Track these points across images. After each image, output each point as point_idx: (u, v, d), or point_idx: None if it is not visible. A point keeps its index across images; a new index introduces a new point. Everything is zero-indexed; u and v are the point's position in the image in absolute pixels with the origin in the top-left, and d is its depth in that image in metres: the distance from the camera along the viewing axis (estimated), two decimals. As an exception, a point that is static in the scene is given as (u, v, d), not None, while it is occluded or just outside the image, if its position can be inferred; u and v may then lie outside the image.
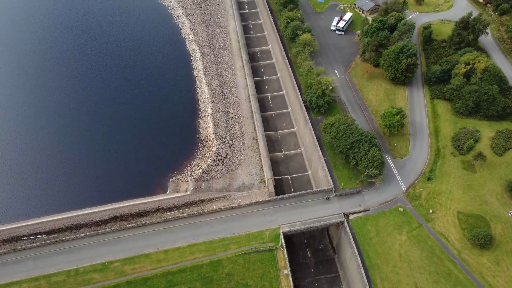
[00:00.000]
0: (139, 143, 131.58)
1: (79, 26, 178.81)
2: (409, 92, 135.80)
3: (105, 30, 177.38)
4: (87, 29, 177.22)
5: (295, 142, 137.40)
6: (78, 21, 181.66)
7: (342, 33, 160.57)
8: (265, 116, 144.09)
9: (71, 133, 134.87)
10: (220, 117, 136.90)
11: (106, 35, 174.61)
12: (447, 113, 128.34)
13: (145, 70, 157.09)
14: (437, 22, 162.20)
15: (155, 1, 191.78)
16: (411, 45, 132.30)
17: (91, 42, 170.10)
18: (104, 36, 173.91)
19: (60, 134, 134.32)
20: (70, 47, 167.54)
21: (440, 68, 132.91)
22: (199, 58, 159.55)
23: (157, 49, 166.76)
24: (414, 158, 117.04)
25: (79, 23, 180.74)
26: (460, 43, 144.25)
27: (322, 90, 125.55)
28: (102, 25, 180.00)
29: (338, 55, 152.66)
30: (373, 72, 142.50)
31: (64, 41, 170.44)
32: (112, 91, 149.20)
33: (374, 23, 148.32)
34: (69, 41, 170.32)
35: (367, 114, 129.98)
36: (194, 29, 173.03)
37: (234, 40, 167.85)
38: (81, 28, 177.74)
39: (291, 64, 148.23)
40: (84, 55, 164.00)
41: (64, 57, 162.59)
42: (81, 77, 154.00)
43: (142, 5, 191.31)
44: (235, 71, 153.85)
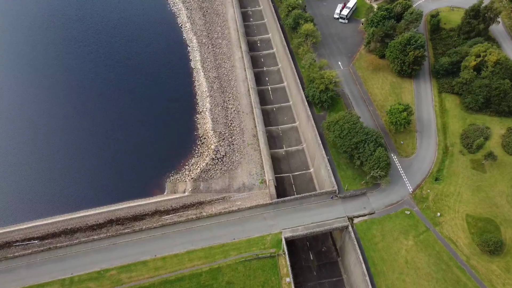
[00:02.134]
0: (135, 140, 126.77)
1: (65, 18, 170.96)
2: (416, 85, 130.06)
3: (94, 17, 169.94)
4: (72, 19, 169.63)
5: (296, 137, 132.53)
6: (64, 13, 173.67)
7: (345, 21, 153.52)
8: (266, 110, 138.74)
9: (63, 131, 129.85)
10: (219, 112, 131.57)
11: (95, 23, 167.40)
12: (455, 108, 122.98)
13: (139, 63, 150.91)
14: (445, 9, 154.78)
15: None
16: (418, 36, 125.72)
17: (78, 32, 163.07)
18: (92, 24, 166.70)
19: (52, 133, 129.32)
20: (60, 42, 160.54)
21: (449, 60, 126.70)
22: (197, 48, 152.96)
23: (152, 39, 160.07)
24: (421, 157, 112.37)
25: (65, 15, 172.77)
26: (469, 32, 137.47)
27: (325, 85, 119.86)
28: (92, 13, 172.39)
29: (341, 45, 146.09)
30: (378, 64, 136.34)
31: (52, 36, 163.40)
32: (103, 84, 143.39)
33: (379, 11, 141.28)
34: (58, 36, 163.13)
35: (372, 109, 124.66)
36: (191, 17, 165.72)
37: (233, 29, 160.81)
38: (66, 18, 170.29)
39: (292, 56, 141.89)
40: (73, 48, 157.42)
41: (54, 52, 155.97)
42: (71, 72, 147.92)
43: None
44: (234, 63, 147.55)
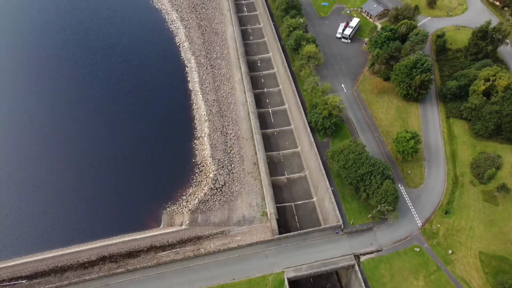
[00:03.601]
0: (130, 168, 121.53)
1: (59, 34, 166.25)
2: (423, 109, 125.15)
3: (92, 35, 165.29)
4: (72, 36, 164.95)
5: (298, 163, 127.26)
6: (59, 28, 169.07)
7: (348, 41, 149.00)
8: (266, 134, 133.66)
9: (51, 157, 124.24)
10: (217, 138, 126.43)
11: (93, 40, 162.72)
12: (464, 134, 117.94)
13: (136, 84, 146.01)
14: (451, 28, 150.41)
15: (148, 5, 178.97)
16: (425, 59, 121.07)
17: (73, 53, 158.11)
18: (90, 42, 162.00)
19: (41, 160, 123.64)
20: (53, 57, 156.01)
21: (457, 84, 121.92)
22: (195, 69, 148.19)
23: (149, 59, 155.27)
24: (430, 188, 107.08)
25: (60, 30, 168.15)
26: (477, 53, 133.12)
27: (328, 111, 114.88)
28: (88, 30, 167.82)
29: (344, 66, 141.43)
30: (383, 86, 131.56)
31: (47, 49, 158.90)
32: (96, 107, 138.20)
33: (383, 32, 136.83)
34: (52, 49, 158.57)
35: (377, 135, 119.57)
36: (189, 36, 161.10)
37: (232, 49, 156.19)
38: (63, 35, 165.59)
39: (294, 77, 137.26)
40: (66, 69, 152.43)
41: (46, 68, 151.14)
42: (63, 95, 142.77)
43: (134, 8, 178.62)
44: (233, 84, 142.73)
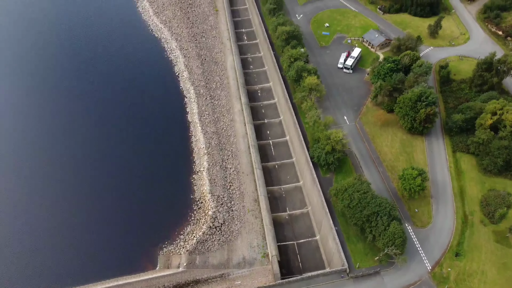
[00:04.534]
0: (124, 204, 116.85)
1: (56, 65, 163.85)
2: (428, 143, 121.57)
3: (89, 65, 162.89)
4: (69, 66, 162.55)
5: (301, 199, 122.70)
6: (56, 59, 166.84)
7: (350, 71, 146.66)
8: (267, 167, 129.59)
9: (44, 189, 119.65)
10: (217, 172, 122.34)
11: (90, 70, 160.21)
12: (472, 170, 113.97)
13: (134, 115, 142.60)
14: (454, 58, 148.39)
15: (148, 33, 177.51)
16: (429, 92, 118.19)
17: (72, 81, 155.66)
18: (87, 71, 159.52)
19: (33, 194, 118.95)
20: (48, 88, 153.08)
21: (463, 117, 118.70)
22: (194, 99, 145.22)
23: (148, 89, 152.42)
24: (439, 227, 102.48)
25: (57, 60, 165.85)
26: (482, 85, 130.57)
27: (331, 146, 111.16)
28: (86, 59, 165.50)
29: (347, 97, 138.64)
30: (387, 119, 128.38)
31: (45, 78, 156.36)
32: (92, 139, 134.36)
33: (386, 63, 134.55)
34: (48, 81, 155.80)
35: (382, 170, 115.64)
36: (188, 66, 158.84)
37: (232, 79, 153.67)
38: (61, 65, 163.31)
39: (295, 109, 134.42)
40: (64, 98, 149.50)
41: (41, 102, 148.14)
42: (59, 122, 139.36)
43: (133, 37, 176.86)
44: (233, 116, 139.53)
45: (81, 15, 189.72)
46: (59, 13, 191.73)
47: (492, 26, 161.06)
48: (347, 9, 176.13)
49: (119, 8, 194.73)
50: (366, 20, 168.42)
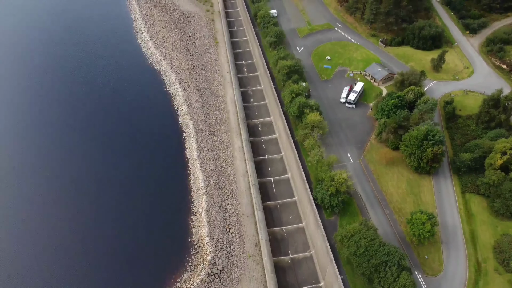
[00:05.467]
0: (116, 247, 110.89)
1: (48, 106, 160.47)
2: (436, 183, 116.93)
3: (85, 98, 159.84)
4: (61, 101, 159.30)
5: (303, 241, 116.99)
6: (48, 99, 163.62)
7: (353, 106, 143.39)
8: (268, 206, 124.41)
9: (31, 230, 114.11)
10: (216, 214, 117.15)
11: (86, 103, 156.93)
12: (483, 212, 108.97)
13: (131, 151, 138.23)
14: (458, 93, 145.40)
15: (146, 65, 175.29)
16: (436, 130, 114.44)
17: (67, 117, 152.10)
18: (84, 105, 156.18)
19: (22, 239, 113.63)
20: (44, 124, 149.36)
21: (471, 156, 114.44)
22: (193, 135, 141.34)
23: (146, 124, 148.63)
24: (450, 276, 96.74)
25: (49, 99, 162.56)
26: (489, 122, 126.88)
27: (335, 187, 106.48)
28: (81, 93, 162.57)
29: (350, 133, 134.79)
30: (392, 157, 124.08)
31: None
32: (84, 177, 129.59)
33: (390, 99, 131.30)
34: (43, 120, 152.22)
35: (389, 212, 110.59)
36: (187, 99, 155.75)
37: (232, 113, 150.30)
38: (53, 105, 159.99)
39: (297, 146, 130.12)
40: (58, 136, 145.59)
41: (36, 137, 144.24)
42: (51, 165, 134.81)
43: (132, 69, 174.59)
44: (233, 153, 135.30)
45: (79, 47, 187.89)
46: (55, 45, 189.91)
47: (495, 59, 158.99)
48: (348, 42, 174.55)
49: (118, 39, 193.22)
50: (368, 53, 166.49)
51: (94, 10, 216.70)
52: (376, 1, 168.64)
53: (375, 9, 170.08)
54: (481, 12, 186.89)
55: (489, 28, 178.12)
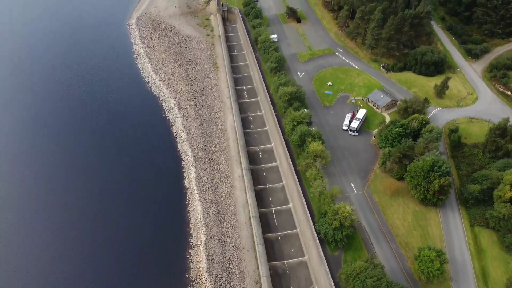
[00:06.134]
0: (111, 282, 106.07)
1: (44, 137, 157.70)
2: (443, 215, 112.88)
3: (82, 124, 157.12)
4: (57, 132, 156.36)
5: (306, 276, 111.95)
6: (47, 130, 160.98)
7: (355, 133, 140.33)
8: (269, 239, 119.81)
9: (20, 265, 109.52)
10: (215, 247, 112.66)
11: (83, 130, 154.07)
12: (493, 247, 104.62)
13: (128, 179, 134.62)
14: (463, 120, 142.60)
15: (146, 91, 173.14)
16: (442, 161, 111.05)
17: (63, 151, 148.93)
18: (79, 132, 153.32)
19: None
20: (41, 156, 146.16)
21: (479, 188, 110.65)
22: (192, 163, 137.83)
23: (144, 151, 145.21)
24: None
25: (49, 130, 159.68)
26: (496, 151, 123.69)
27: (339, 221, 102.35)
28: (77, 118, 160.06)
29: (353, 162, 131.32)
30: (397, 187, 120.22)
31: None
32: (78, 210, 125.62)
33: (394, 127, 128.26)
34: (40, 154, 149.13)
35: (395, 247, 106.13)
36: (187, 126, 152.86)
37: (232, 140, 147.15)
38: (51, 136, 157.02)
39: (298, 176, 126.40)
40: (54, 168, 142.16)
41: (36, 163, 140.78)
42: (47, 195, 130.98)
43: (131, 95, 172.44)
44: (233, 183, 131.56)
45: (77, 71, 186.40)
46: (54, 67, 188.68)
47: (499, 85, 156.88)
48: (349, 67, 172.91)
49: (118, 64, 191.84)
50: (370, 78, 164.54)
51: (93, 33, 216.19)
52: (378, 27, 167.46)
53: (376, 35, 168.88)
54: (483, 37, 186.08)
55: (491, 53, 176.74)
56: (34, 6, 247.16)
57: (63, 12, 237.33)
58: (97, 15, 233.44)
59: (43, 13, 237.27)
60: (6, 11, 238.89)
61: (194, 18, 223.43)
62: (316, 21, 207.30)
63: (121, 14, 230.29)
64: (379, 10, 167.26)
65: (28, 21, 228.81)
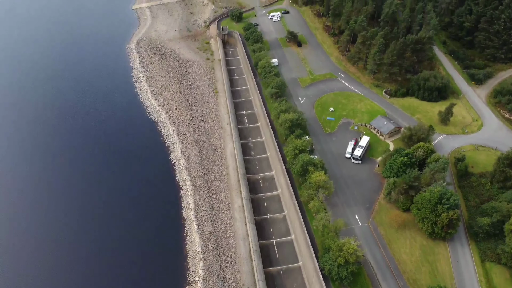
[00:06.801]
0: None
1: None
2: (452, 250, 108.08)
3: (77, 151, 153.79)
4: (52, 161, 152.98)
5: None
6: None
7: (359, 162, 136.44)
8: (271, 273, 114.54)
9: None
10: (214, 284, 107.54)
11: (78, 158, 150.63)
12: (506, 285, 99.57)
13: (125, 210, 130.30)
14: (469, 148, 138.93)
15: (144, 116, 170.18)
16: (450, 193, 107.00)
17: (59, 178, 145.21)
18: (74, 160, 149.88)
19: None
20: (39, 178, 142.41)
21: (489, 221, 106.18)
22: (191, 193, 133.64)
23: (142, 179, 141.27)
24: None
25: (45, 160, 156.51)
26: (505, 181, 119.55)
27: (344, 258, 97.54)
28: (73, 145, 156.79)
29: (357, 191, 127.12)
30: (403, 219, 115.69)
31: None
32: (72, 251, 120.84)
33: (398, 156, 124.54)
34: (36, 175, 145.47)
35: (403, 285, 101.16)
36: (185, 153, 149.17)
37: (232, 168, 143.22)
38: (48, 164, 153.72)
39: (300, 207, 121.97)
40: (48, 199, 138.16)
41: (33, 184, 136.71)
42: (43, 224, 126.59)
43: (129, 120, 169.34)
44: (233, 213, 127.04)
45: (75, 95, 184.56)
46: (51, 91, 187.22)
47: (505, 112, 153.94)
48: (351, 92, 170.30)
49: (116, 88, 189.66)
50: (372, 104, 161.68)
51: (93, 58, 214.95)
52: (379, 52, 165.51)
53: (378, 60, 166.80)
54: (485, 61, 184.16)
55: (494, 78, 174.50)
56: (33, 26, 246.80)
57: (62, 36, 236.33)
58: (97, 39, 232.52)
59: (42, 35, 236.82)
60: (8, 35, 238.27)
61: (194, 42, 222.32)
62: (317, 46, 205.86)
63: (121, 38, 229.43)
64: (380, 35, 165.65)
65: (27, 42, 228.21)
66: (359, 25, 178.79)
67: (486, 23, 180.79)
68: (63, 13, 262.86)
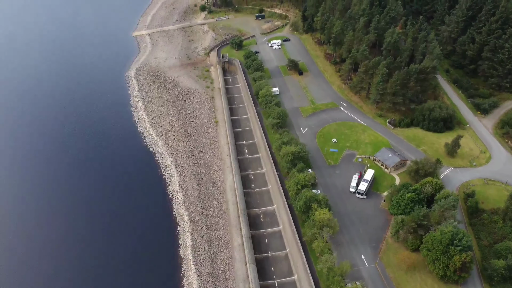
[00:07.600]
0: None
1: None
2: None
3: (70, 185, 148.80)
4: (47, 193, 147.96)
5: None
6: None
7: (364, 196, 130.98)
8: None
9: None
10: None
11: (72, 191, 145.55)
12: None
13: (121, 247, 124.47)
14: (478, 182, 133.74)
15: (142, 146, 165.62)
16: (463, 233, 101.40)
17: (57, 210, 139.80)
18: (68, 193, 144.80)
19: None
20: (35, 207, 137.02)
21: (505, 264, 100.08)
22: (188, 229, 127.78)
23: (137, 213, 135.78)
24: None
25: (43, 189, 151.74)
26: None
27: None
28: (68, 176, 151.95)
29: (362, 229, 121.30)
30: (413, 261, 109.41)
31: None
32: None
33: (406, 192, 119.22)
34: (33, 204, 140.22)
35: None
36: (184, 186, 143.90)
37: (232, 203, 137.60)
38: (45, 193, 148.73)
39: (303, 246, 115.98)
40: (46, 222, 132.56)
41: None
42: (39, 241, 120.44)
43: (126, 151, 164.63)
44: (232, 252, 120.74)
45: (71, 124, 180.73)
46: (49, 118, 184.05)
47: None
48: (354, 122, 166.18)
49: (114, 117, 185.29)
50: (376, 135, 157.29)
51: (91, 86, 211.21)
52: (382, 82, 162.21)
53: (381, 89, 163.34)
54: (490, 90, 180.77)
55: (500, 108, 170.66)
56: (32, 55, 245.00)
57: (61, 65, 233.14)
58: (96, 67, 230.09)
59: (42, 63, 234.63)
60: (7, 64, 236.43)
61: (194, 70, 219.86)
62: (318, 74, 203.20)
63: (120, 65, 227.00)
64: (383, 65, 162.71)
65: (27, 70, 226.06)
66: (361, 54, 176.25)
67: (489, 52, 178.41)
68: (62, 40, 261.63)
